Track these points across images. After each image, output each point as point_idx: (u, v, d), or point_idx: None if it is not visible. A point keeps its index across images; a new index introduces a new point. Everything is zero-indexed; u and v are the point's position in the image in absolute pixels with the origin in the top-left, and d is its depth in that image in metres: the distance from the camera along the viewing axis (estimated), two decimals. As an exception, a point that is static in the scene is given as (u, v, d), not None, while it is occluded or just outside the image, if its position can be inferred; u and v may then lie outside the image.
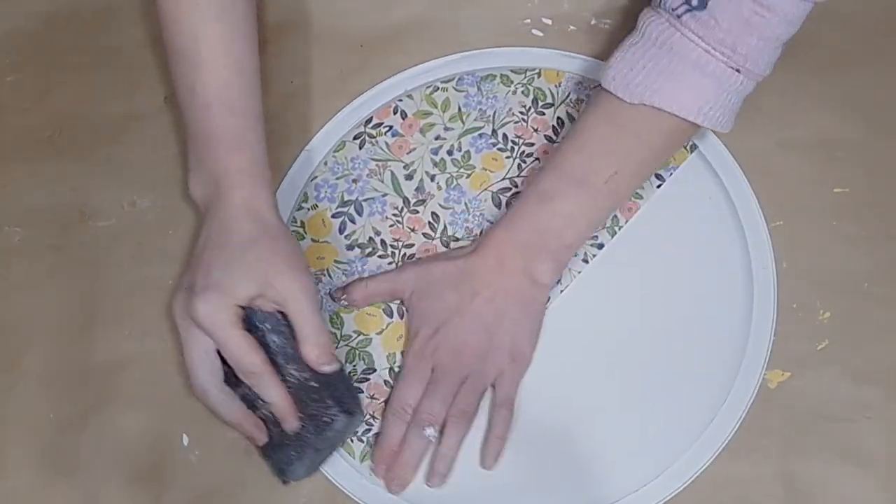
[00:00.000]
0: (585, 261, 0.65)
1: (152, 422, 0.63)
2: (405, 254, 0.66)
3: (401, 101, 0.69)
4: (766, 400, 0.61)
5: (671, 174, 0.67)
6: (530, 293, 0.62)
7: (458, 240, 0.66)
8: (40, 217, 0.67)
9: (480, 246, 0.62)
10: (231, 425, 0.59)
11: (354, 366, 0.64)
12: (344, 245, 0.66)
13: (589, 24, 0.70)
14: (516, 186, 0.67)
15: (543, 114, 0.69)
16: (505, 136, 0.68)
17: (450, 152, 0.68)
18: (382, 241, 0.66)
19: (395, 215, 0.67)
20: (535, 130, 0.68)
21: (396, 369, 0.63)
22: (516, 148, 0.68)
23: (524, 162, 0.68)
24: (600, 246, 0.65)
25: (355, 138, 0.69)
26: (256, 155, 0.59)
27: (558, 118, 0.69)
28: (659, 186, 0.66)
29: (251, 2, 0.62)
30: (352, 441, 0.62)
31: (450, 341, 0.61)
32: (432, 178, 0.67)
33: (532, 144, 0.68)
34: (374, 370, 0.64)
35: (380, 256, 0.66)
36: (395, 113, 0.69)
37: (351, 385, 0.60)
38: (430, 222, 0.67)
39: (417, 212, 0.67)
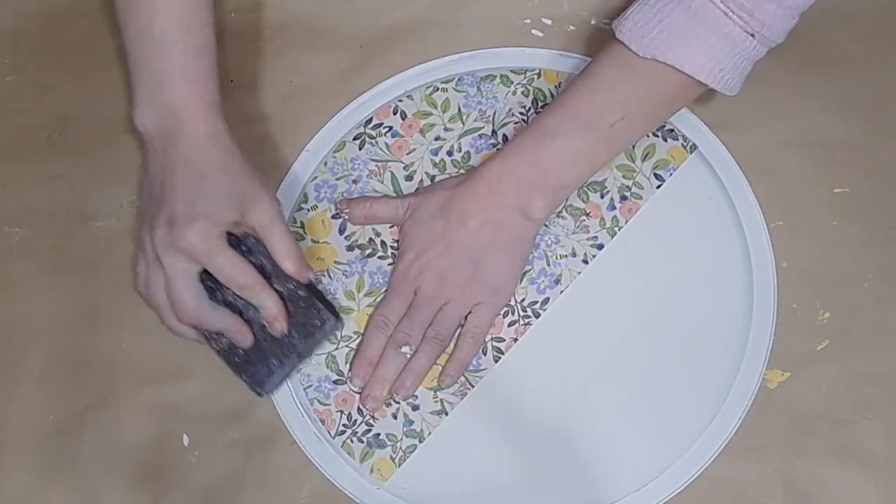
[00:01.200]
0: (585, 261, 0.65)
1: (152, 422, 0.63)
2: (405, 254, 0.66)
3: (401, 101, 0.69)
4: (766, 400, 0.61)
5: (671, 174, 0.67)
6: (521, 228, 0.62)
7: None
8: (40, 217, 0.67)
9: (471, 177, 0.63)
10: (223, 331, 0.60)
11: (354, 366, 0.64)
12: (344, 246, 0.66)
13: (589, 25, 0.70)
14: (516, 186, 0.67)
15: (543, 114, 0.69)
16: (505, 136, 0.68)
17: (450, 153, 0.68)
18: (382, 242, 0.66)
19: (395, 215, 0.67)
20: (535, 130, 0.68)
21: (396, 369, 0.64)
22: (516, 148, 0.68)
23: (524, 162, 0.68)
24: (600, 246, 0.65)
25: (355, 139, 0.69)
26: (211, 87, 0.61)
27: (558, 118, 0.69)
28: (659, 186, 0.66)
29: None
30: (352, 441, 0.62)
31: (433, 268, 0.62)
32: (432, 178, 0.67)
33: (532, 144, 0.68)
34: (374, 370, 0.64)
35: (380, 257, 0.66)
36: (394, 113, 0.69)
37: (326, 297, 0.63)
38: (430, 222, 0.67)
39: (417, 212, 0.67)
